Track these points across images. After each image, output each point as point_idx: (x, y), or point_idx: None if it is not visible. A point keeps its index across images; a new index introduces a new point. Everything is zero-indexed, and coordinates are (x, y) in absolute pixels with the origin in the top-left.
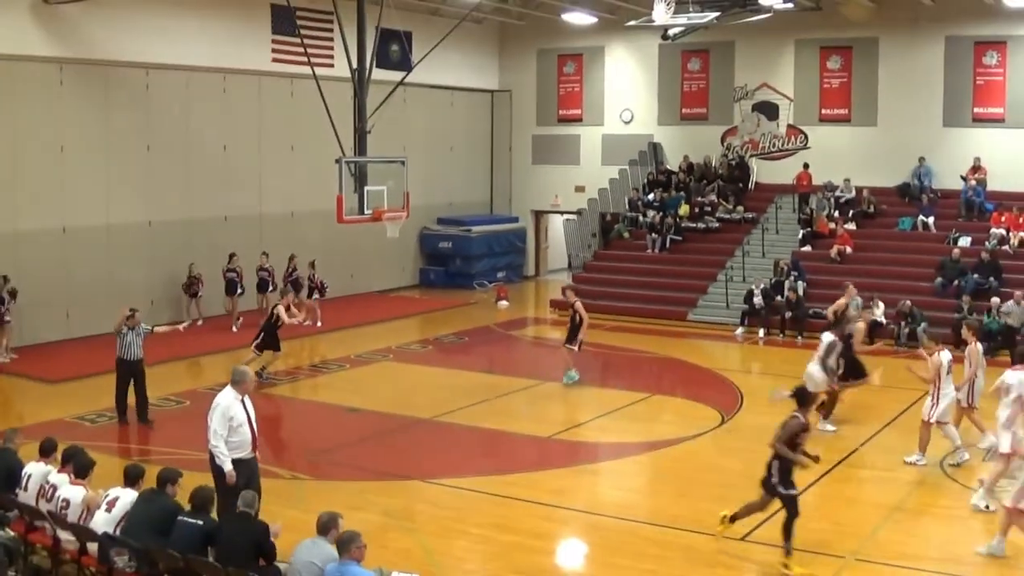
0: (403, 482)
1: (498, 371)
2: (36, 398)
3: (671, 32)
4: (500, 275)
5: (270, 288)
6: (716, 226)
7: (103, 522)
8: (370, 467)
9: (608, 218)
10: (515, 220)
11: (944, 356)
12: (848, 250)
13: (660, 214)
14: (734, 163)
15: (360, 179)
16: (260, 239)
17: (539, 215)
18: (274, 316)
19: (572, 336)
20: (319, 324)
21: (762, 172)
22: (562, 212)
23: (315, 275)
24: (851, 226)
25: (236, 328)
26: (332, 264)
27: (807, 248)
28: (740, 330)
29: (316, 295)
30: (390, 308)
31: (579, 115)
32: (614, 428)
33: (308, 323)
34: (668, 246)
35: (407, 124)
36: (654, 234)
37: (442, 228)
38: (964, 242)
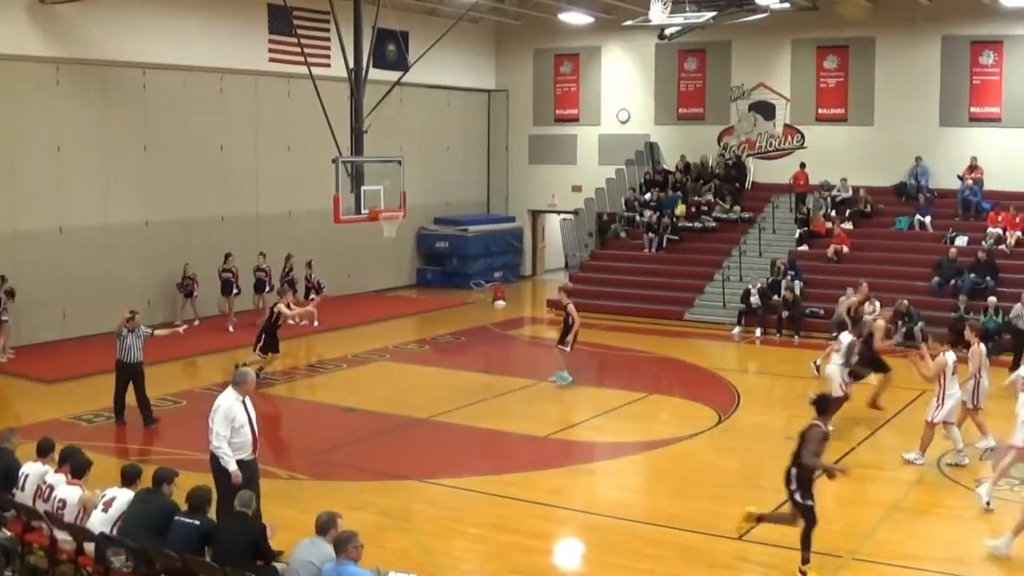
0: (400, 482)
1: (495, 371)
2: (33, 398)
3: (668, 32)
4: (497, 275)
5: (267, 288)
6: (713, 226)
7: (100, 522)
8: (367, 467)
9: (605, 218)
10: (512, 220)
11: (949, 357)
12: (845, 250)
13: (657, 214)
14: (731, 163)
15: (357, 179)
16: (257, 239)
17: (536, 215)
18: (273, 316)
19: (564, 337)
20: (316, 324)
21: (759, 172)
22: (559, 212)
23: (312, 275)
24: (848, 226)
25: (232, 328)
26: (329, 264)
27: (804, 248)
28: (737, 330)
29: (314, 294)
30: (387, 308)
31: (576, 115)
32: (611, 428)
33: (305, 323)
34: (665, 246)
35: (404, 124)
36: (651, 234)
37: (439, 228)
38: (961, 241)
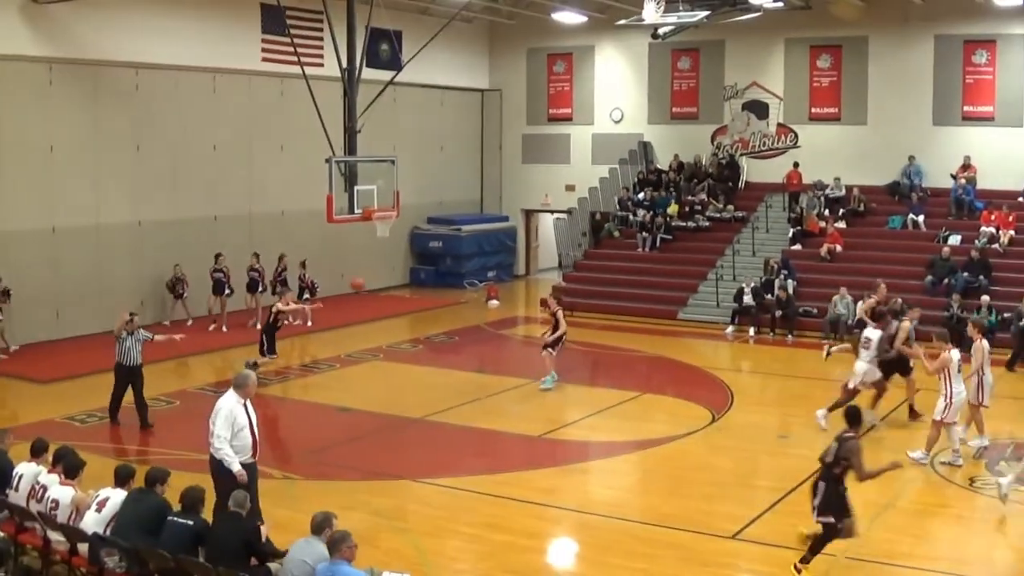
0: (394, 482)
1: (489, 370)
2: (26, 398)
3: (661, 31)
4: (490, 274)
5: (260, 288)
6: (706, 225)
7: (93, 522)
8: (361, 467)
9: (598, 217)
10: (505, 219)
11: (954, 354)
12: (838, 249)
13: (650, 213)
14: (724, 162)
15: (350, 178)
16: (250, 239)
17: (529, 214)
18: (272, 316)
19: (551, 342)
20: (309, 324)
21: (752, 171)
22: (552, 211)
23: (306, 275)
24: (841, 225)
25: (225, 328)
26: (322, 264)
27: (797, 247)
28: (730, 329)
29: (307, 294)
30: (380, 307)
31: (569, 114)
32: (605, 427)
33: (298, 322)
34: (658, 245)
35: (397, 123)
36: (644, 233)
37: (432, 227)
38: (954, 240)
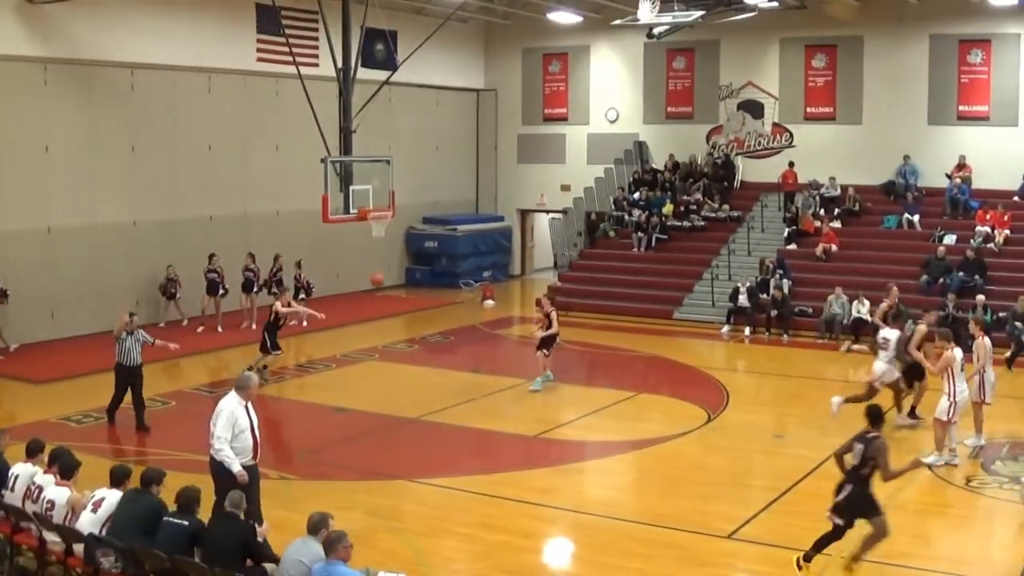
0: (390, 482)
1: (484, 370)
2: (21, 398)
3: (656, 31)
4: (486, 274)
5: (255, 288)
6: (702, 225)
7: (89, 523)
8: (357, 467)
9: (594, 217)
10: (501, 219)
11: (957, 353)
12: (833, 248)
13: (646, 213)
14: (719, 162)
15: (345, 178)
16: (246, 239)
17: (525, 214)
18: (272, 315)
19: (546, 343)
20: (304, 324)
21: (747, 171)
22: (548, 211)
23: (301, 275)
24: (836, 224)
25: (220, 328)
26: (318, 264)
27: (792, 246)
28: (726, 328)
29: (303, 295)
30: (376, 308)
31: (564, 114)
32: (600, 427)
33: (293, 322)
34: (654, 245)
35: (392, 123)
36: (640, 233)
37: (428, 227)
38: (949, 240)
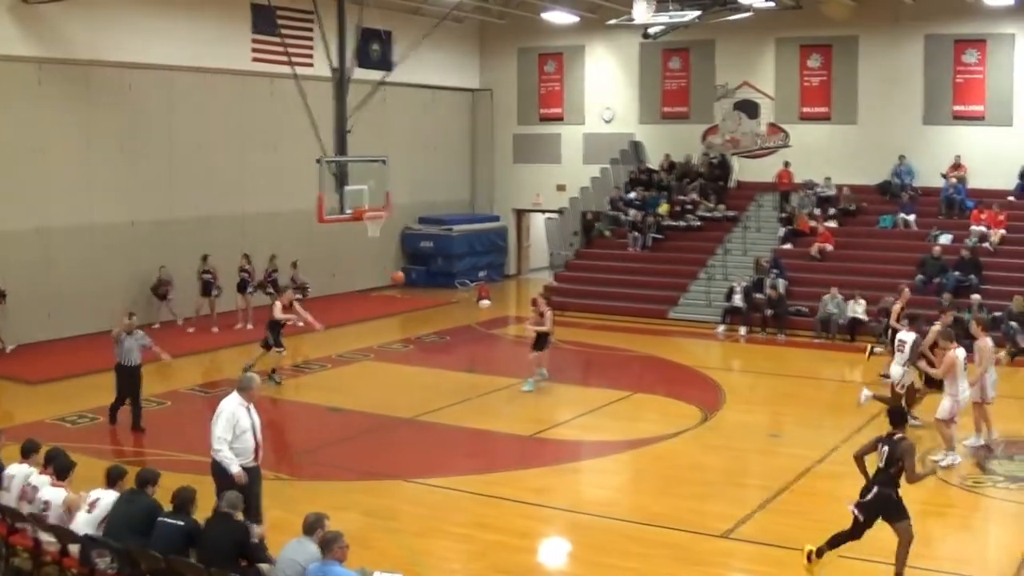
0: (386, 482)
1: (480, 370)
2: (17, 399)
3: (651, 31)
4: (481, 274)
5: (250, 289)
6: (697, 224)
7: (84, 523)
8: (352, 467)
9: (589, 217)
10: (496, 219)
11: (960, 353)
12: (829, 248)
13: (641, 213)
14: (715, 161)
15: (341, 179)
16: (242, 239)
17: (520, 214)
18: (272, 314)
19: (539, 343)
20: (300, 324)
21: (743, 170)
22: (543, 211)
23: (298, 275)
24: (832, 224)
25: (216, 328)
26: (313, 264)
27: (788, 246)
28: (721, 328)
29: (299, 295)
30: (371, 308)
31: (560, 114)
32: (596, 426)
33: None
34: (649, 245)
35: (388, 123)
36: (635, 233)
37: (423, 227)
38: (945, 239)
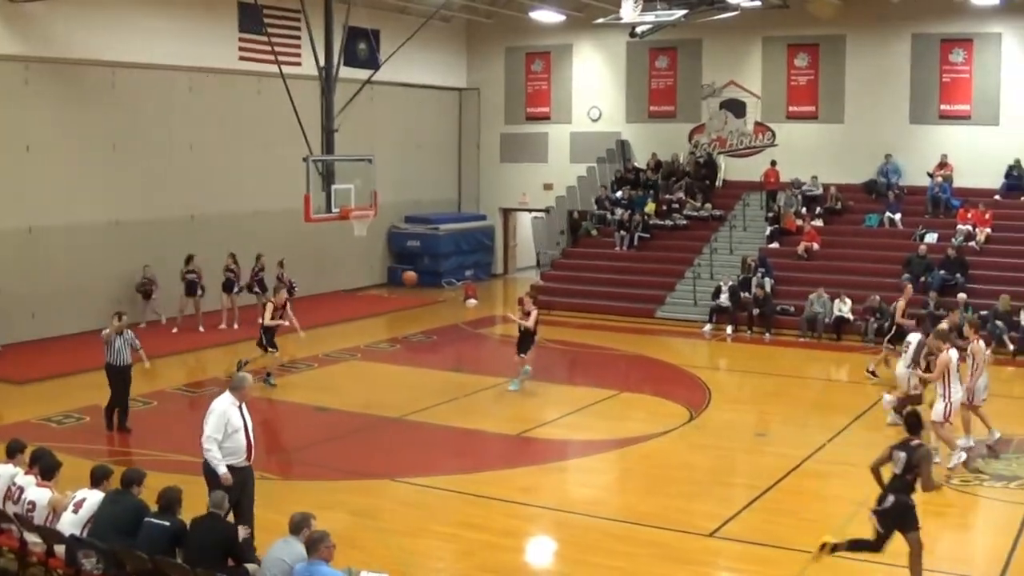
0: (372, 481)
1: (466, 369)
2: (2, 399)
3: (639, 30)
4: (468, 273)
5: (235, 289)
6: (684, 223)
7: (70, 523)
8: (339, 466)
9: (576, 216)
10: (483, 218)
11: (952, 354)
12: (815, 247)
13: (628, 212)
14: (702, 160)
15: (327, 178)
16: (227, 238)
17: (507, 213)
18: (261, 316)
19: (524, 345)
20: (287, 323)
21: (730, 169)
22: (530, 210)
23: (284, 274)
24: (818, 223)
25: (201, 328)
26: (300, 263)
27: (775, 245)
28: (708, 327)
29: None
30: (358, 307)
31: (547, 113)
32: (582, 425)
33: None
34: (636, 244)
35: (375, 122)
36: (622, 232)
37: (410, 226)
38: (931, 238)
